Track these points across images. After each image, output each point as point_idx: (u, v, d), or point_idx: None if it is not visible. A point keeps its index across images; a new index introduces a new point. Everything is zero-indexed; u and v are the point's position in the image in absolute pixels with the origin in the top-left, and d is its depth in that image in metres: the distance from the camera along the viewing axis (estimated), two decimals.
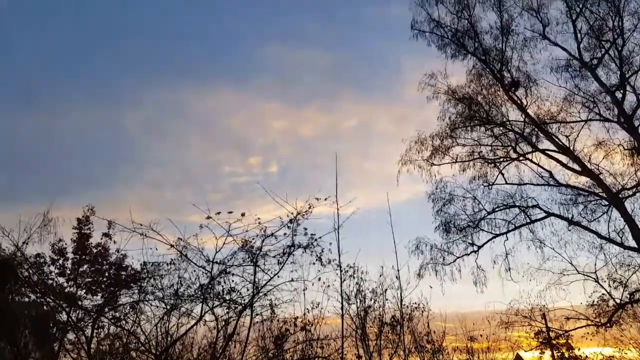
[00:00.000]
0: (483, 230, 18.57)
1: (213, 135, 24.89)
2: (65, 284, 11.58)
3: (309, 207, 10.49)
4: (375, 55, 25.41)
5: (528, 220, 18.15)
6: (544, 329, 17.49)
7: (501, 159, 19.06)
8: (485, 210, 18.70)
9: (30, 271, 11.32)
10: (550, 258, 17.32)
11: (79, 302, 11.46)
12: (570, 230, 17.39)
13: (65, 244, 11.80)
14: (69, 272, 11.60)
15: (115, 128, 23.32)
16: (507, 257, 17.86)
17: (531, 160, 18.51)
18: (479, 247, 18.39)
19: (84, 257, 11.82)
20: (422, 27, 19.06)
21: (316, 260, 10.27)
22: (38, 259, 11.51)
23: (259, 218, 10.28)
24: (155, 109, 24.22)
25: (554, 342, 17.49)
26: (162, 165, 22.65)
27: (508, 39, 18.62)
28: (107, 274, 11.98)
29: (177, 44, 24.92)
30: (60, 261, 11.63)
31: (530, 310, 17.35)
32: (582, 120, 18.10)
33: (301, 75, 26.04)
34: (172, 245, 10.17)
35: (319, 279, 10.24)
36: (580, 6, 18.04)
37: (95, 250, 11.96)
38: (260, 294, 10.07)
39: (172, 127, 24.43)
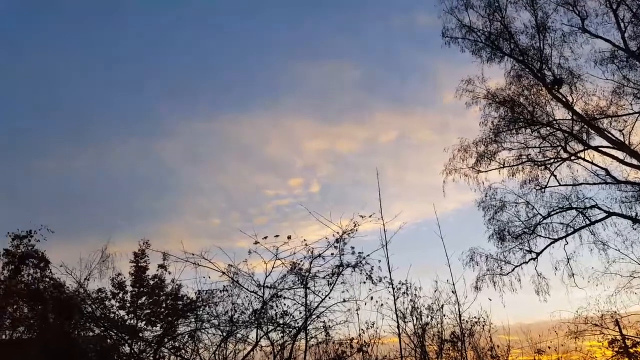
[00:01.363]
0: (540, 236, 17.82)
1: (252, 159, 25.33)
2: (126, 317, 11.88)
3: (354, 225, 10.39)
4: (407, 65, 25.24)
5: (588, 222, 17.20)
6: (619, 337, 16.35)
7: (552, 160, 18.29)
8: (541, 215, 17.96)
9: (93, 306, 11.70)
10: (617, 260, 16.29)
11: (140, 334, 11.72)
12: (635, 229, 16.35)
13: (124, 278, 12.17)
14: (128, 305, 11.88)
15: (159, 159, 24.18)
16: (568, 262, 16.97)
17: (584, 159, 17.65)
18: (538, 254, 17.62)
19: (142, 289, 12.11)
20: (454, 34, 18.78)
21: (366, 278, 10.09)
22: (99, 294, 11.89)
23: (305, 240, 10.29)
24: (194, 138, 24.99)
25: (631, 350, 16.31)
26: (207, 193, 23.21)
27: (545, 37, 17.95)
28: (164, 305, 12.20)
29: (211, 72, 25.70)
30: (120, 295, 11.96)
31: (600, 318, 16.18)
32: (635, 112, 17.10)
33: (333, 92, 26.16)
34: (223, 272, 10.33)
35: (372, 298, 9.99)
36: None
37: (152, 282, 12.25)
38: (313, 317, 9.95)
39: (212, 155, 25.07)
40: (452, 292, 10.30)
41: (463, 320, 10.33)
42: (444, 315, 10.37)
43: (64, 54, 23.03)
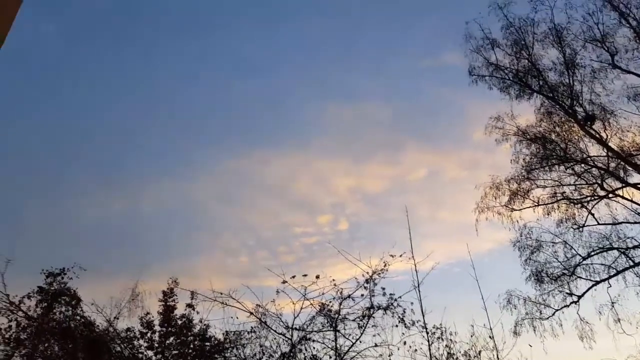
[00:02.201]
0: (581, 277, 16.86)
1: (281, 197, 25.35)
2: (154, 358, 11.77)
3: (384, 265, 10.16)
4: (435, 103, 25.20)
5: (632, 263, 16.24)
6: None
7: (588, 198, 17.59)
8: (580, 256, 17.10)
9: (122, 345, 11.65)
10: None
11: None
12: None
13: (152, 317, 12.12)
14: (156, 345, 11.79)
15: (190, 198, 24.45)
16: (613, 306, 15.93)
17: (622, 197, 16.92)
18: (579, 297, 16.61)
19: (170, 329, 12.01)
20: (481, 72, 18.74)
21: (399, 322, 9.76)
22: (128, 333, 11.84)
23: (334, 279, 10.10)
24: (225, 177, 25.29)
25: None
26: (236, 232, 23.23)
27: (575, 73, 17.66)
28: (192, 346, 12.05)
29: (242, 112, 26.26)
30: (149, 334, 11.89)
31: None
32: None
33: (362, 131, 26.23)
34: (251, 313, 10.19)
35: (405, 343, 9.57)
36: None
37: (180, 322, 12.15)
38: None
39: (242, 193, 25.24)
40: (490, 337, 9.67)
41: None
42: None
43: (101, 97, 24.05)
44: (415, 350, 9.60)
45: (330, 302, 10.09)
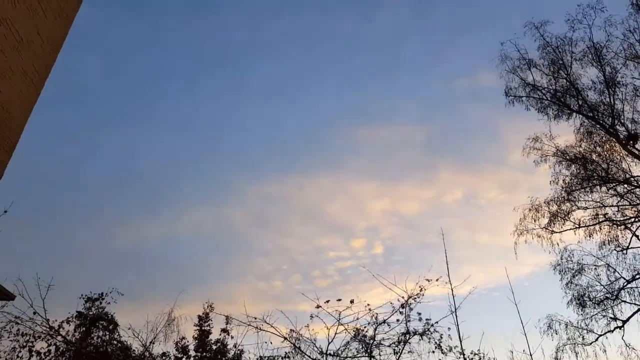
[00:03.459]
0: (625, 301, 16.05)
1: (316, 221, 25.20)
2: None
3: (420, 290, 9.80)
4: (472, 124, 24.74)
5: None
6: None
7: (632, 219, 16.82)
8: (624, 279, 16.28)
9: None
10: None
11: None
12: None
13: (188, 342, 12.00)
14: None
15: (227, 223, 24.61)
16: None
17: None
18: (624, 322, 15.80)
19: (204, 354, 11.88)
20: (518, 93, 18.27)
21: (435, 347, 9.35)
22: (164, 358, 11.77)
23: (368, 304, 9.80)
24: (260, 202, 25.37)
25: None
26: (270, 256, 23.14)
27: (615, 92, 17.01)
28: None
29: (279, 137, 26.45)
30: (184, 359, 11.81)
31: None
32: None
33: (397, 152, 25.97)
34: (285, 338, 9.96)
35: None
36: None
37: (214, 347, 12.00)
38: None
39: (277, 217, 25.22)
40: None
41: None
42: None
43: (141, 128, 24.69)
44: None
45: (365, 327, 9.78)
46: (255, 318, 9.93)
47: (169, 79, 25.64)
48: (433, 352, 9.38)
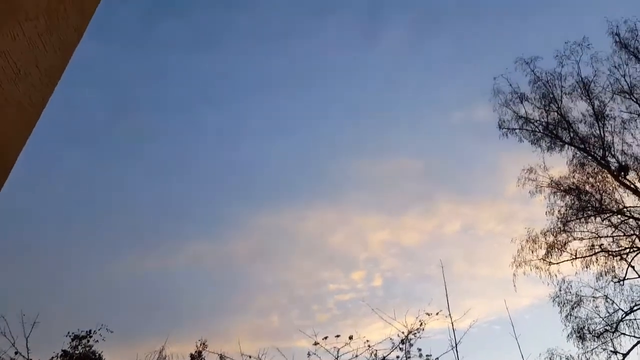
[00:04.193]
0: (624, 334, 15.86)
1: (316, 254, 24.80)
2: None
3: (420, 324, 9.64)
4: (468, 156, 24.82)
5: None
6: None
7: (627, 250, 16.75)
8: (622, 311, 16.10)
9: None
10: None
11: None
12: None
13: None
14: None
15: (224, 257, 24.15)
16: None
17: None
18: (624, 355, 15.52)
19: None
20: (511, 125, 18.44)
21: None
22: None
23: (367, 340, 9.57)
24: (260, 234, 24.97)
25: None
26: (269, 291, 22.62)
27: (605, 124, 17.27)
28: None
29: (280, 169, 26.36)
30: None
31: None
32: None
33: (396, 184, 25.87)
34: None
35: None
36: None
37: None
38: None
39: (277, 250, 24.82)
40: None
41: None
42: None
43: (140, 161, 24.55)
44: None
45: None
46: (250, 357, 9.64)
47: (169, 113, 25.66)
48: None
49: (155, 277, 22.42)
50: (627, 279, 16.44)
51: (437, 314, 9.48)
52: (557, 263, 17.11)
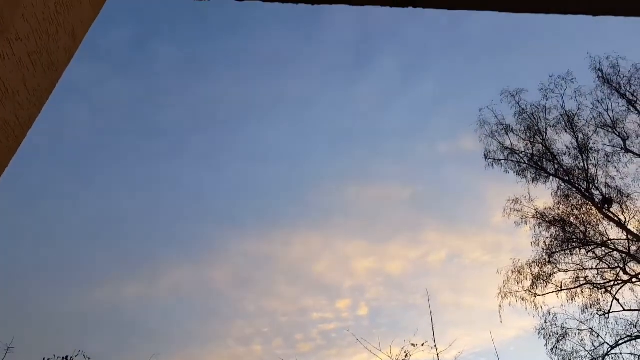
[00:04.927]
0: None
1: (300, 281, 24.48)
2: None
3: (406, 355, 9.49)
4: (454, 186, 25.00)
5: None
6: None
7: (612, 283, 16.75)
8: (608, 344, 15.99)
9: None
10: None
11: None
12: None
13: None
14: None
15: (206, 283, 23.71)
16: None
17: None
18: None
19: None
20: (496, 156, 18.64)
21: None
22: None
23: None
24: (243, 260, 24.63)
25: None
26: (251, 318, 22.15)
27: (588, 157, 17.53)
28: None
29: (264, 196, 26.18)
30: None
31: None
32: None
33: (383, 212, 25.88)
34: None
35: None
36: None
37: None
38: None
39: (260, 277, 24.45)
40: None
41: None
42: None
43: (124, 185, 24.25)
44: None
45: None
46: None
47: (156, 137, 25.54)
48: None
49: (135, 302, 21.92)
50: (612, 312, 16.38)
51: (422, 344, 9.35)
52: (542, 295, 17.05)
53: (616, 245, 16.78)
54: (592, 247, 17.03)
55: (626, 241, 16.58)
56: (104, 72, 22.50)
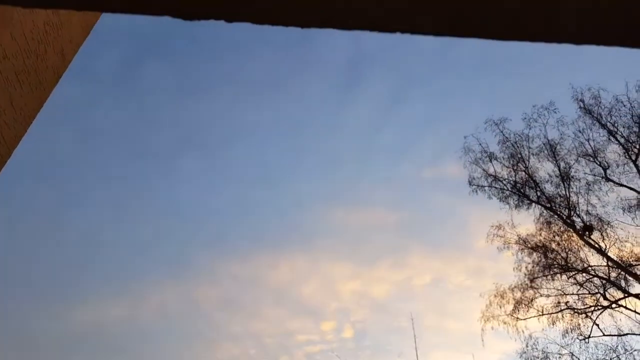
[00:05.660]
0: None
1: (286, 303, 24.10)
2: None
3: None
4: (439, 211, 25.07)
5: None
6: None
7: (592, 308, 16.72)
8: None
9: None
10: None
11: None
12: None
13: None
14: None
15: (192, 305, 23.20)
16: None
17: (625, 307, 16.17)
18: None
19: None
20: (480, 182, 18.67)
21: None
22: None
23: None
24: (229, 282, 24.20)
25: None
26: (237, 340, 21.68)
27: (570, 185, 17.66)
28: None
29: (251, 218, 25.94)
30: None
31: None
32: None
33: (369, 236, 25.80)
34: None
35: None
36: (638, 147, 17.25)
37: None
38: None
39: (246, 298, 24.03)
40: None
41: None
42: None
43: (109, 205, 23.86)
44: None
45: None
46: None
47: (144, 158, 25.25)
48: None
49: (119, 323, 21.38)
50: (592, 336, 16.34)
51: None
52: (524, 319, 16.97)
53: (596, 272, 16.80)
54: (573, 273, 17.03)
55: (606, 268, 16.61)
56: (94, 92, 22.37)
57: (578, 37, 1.04)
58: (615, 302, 16.33)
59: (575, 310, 16.78)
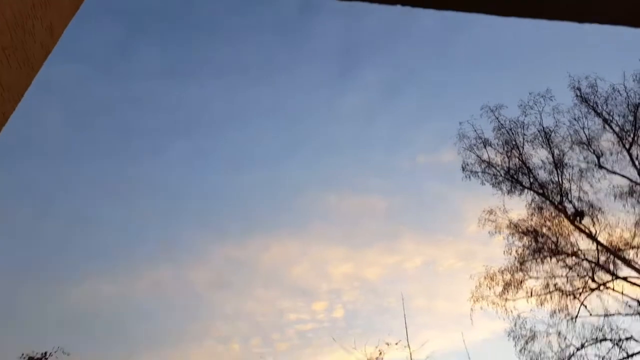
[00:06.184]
0: None
1: (279, 284, 24.14)
2: None
3: (380, 354, 9.44)
4: (431, 196, 24.99)
5: (625, 355, 15.32)
6: None
7: (580, 290, 16.90)
8: (574, 346, 16.14)
9: None
10: None
11: None
12: None
13: None
14: None
15: (185, 285, 23.21)
16: None
17: (613, 289, 16.32)
18: None
19: None
20: (474, 168, 18.53)
21: None
22: None
23: None
24: (222, 263, 24.19)
25: None
26: (230, 319, 21.80)
27: (563, 172, 17.60)
28: None
29: (241, 198, 25.79)
30: None
31: None
32: None
33: (362, 221, 25.79)
34: None
35: None
36: (632, 136, 17.14)
37: None
38: None
39: (239, 279, 24.10)
40: None
41: None
42: None
43: (102, 184, 23.52)
44: None
45: None
46: None
47: (137, 139, 24.83)
48: None
49: (114, 302, 21.44)
50: (580, 317, 16.52)
51: (396, 344, 9.29)
52: (513, 300, 17.11)
53: (586, 256, 16.89)
54: (563, 256, 17.12)
55: (595, 252, 16.69)
56: (84, 72, 21.99)
57: (580, 14, 0.95)
58: (604, 284, 16.45)
59: (564, 292, 16.91)
